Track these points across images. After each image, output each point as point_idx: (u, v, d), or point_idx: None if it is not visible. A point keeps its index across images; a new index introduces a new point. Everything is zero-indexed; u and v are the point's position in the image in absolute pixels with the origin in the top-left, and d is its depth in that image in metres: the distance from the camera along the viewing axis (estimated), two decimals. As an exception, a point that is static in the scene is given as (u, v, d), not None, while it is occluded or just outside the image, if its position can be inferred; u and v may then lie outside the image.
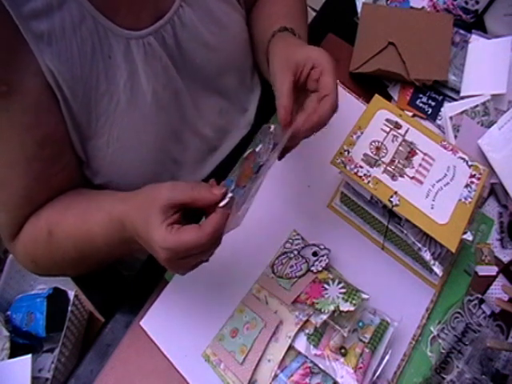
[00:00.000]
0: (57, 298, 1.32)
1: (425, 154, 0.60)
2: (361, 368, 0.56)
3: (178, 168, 0.67)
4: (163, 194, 0.46)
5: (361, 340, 0.57)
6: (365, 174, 0.58)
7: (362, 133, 0.61)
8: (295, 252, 0.64)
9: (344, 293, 0.58)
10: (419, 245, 0.58)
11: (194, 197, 0.46)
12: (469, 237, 0.55)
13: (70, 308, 1.29)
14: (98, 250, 0.55)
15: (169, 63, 0.59)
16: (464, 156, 0.60)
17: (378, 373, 0.57)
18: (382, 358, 0.57)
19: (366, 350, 0.56)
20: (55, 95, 0.52)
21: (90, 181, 0.62)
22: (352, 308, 0.56)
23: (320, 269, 0.61)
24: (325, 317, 0.56)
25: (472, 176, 0.58)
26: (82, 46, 0.51)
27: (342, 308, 0.56)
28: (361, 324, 0.58)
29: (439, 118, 0.75)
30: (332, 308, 0.56)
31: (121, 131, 0.57)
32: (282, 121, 0.53)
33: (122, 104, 0.56)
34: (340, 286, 0.59)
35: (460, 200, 0.57)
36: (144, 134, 0.60)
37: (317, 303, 0.57)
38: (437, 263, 0.58)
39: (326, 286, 0.59)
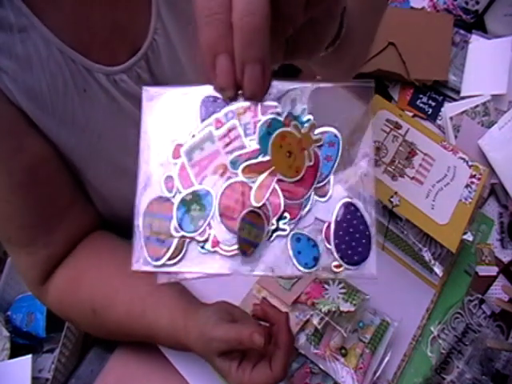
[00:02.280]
0: (57, 299, 1.31)
1: (425, 155, 0.60)
2: (361, 368, 0.55)
3: None
4: (214, 347, 0.48)
5: (361, 340, 0.57)
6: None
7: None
8: (295, 252, 0.64)
9: (344, 293, 0.58)
10: (419, 245, 0.58)
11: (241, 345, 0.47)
12: (469, 237, 0.55)
13: (70, 308, 1.29)
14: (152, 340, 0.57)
15: None
16: (464, 156, 0.60)
17: (378, 373, 0.57)
18: (382, 359, 0.57)
19: (367, 351, 0.56)
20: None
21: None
22: (352, 308, 0.56)
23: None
24: (325, 317, 0.56)
25: (472, 176, 0.58)
26: (52, 83, 0.48)
27: (342, 308, 0.56)
28: (361, 324, 0.58)
29: (439, 118, 0.75)
30: (332, 308, 0.56)
31: (108, 161, 0.56)
32: None
33: (105, 134, 0.54)
34: (340, 286, 0.58)
35: (460, 200, 0.57)
36: (133, 156, 0.58)
37: (317, 303, 0.57)
38: (437, 263, 0.58)
39: (326, 286, 0.59)
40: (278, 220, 0.28)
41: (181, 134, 0.28)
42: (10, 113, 0.48)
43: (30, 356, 1.11)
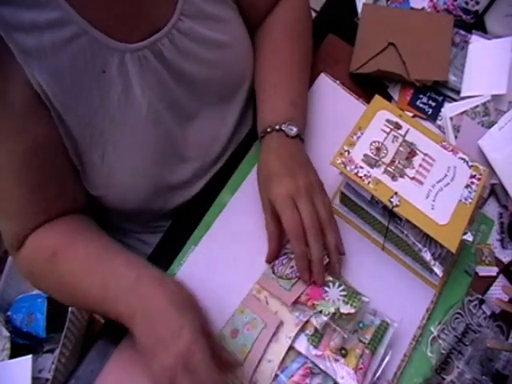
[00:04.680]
0: (57, 299, 1.31)
1: (425, 155, 0.60)
2: (361, 369, 0.55)
3: (175, 178, 0.67)
4: (192, 317, 0.50)
5: (361, 341, 0.57)
6: (365, 175, 0.58)
7: (362, 133, 0.61)
8: (295, 252, 0.64)
9: (345, 295, 0.58)
10: (419, 245, 0.58)
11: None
12: (469, 237, 0.55)
13: (70, 308, 1.29)
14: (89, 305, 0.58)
15: (166, 76, 0.58)
16: (464, 156, 0.60)
17: (378, 374, 0.57)
18: (382, 359, 0.57)
19: (366, 351, 0.56)
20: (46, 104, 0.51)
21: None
22: (352, 310, 0.56)
23: (320, 269, 0.62)
24: (325, 318, 0.57)
25: (472, 176, 0.58)
26: (73, 62, 0.50)
27: (342, 310, 0.56)
28: (361, 325, 0.58)
29: (439, 118, 0.75)
30: (332, 310, 0.56)
31: (116, 146, 0.57)
32: (268, 258, 0.64)
33: (117, 119, 0.56)
34: (340, 288, 0.58)
35: (460, 200, 0.57)
36: (140, 148, 0.59)
37: (317, 305, 0.57)
38: (437, 264, 0.58)
39: (326, 288, 0.59)
40: None
41: None
42: (25, 94, 0.49)
43: (30, 356, 1.11)
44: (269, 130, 0.64)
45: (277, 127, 0.64)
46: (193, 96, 0.64)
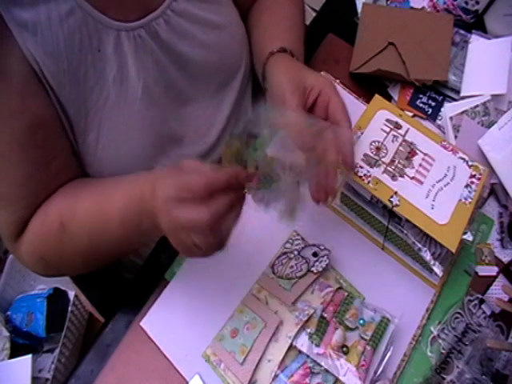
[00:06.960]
0: (57, 299, 1.32)
1: (425, 154, 0.60)
2: (363, 366, 0.55)
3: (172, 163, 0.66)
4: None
5: (362, 338, 0.57)
6: (365, 174, 0.58)
7: (362, 133, 0.61)
8: (295, 252, 0.64)
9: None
10: (419, 245, 0.58)
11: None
12: (469, 237, 0.55)
13: (70, 308, 1.29)
14: (112, 236, 0.53)
15: (162, 57, 0.59)
16: (464, 156, 0.60)
17: (380, 370, 0.57)
18: (384, 355, 0.57)
19: (368, 348, 0.56)
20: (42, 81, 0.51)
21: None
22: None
23: (320, 269, 0.61)
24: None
25: (472, 176, 0.58)
26: (69, 39, 0.50)
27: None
28: (362, 322, 0.58)
29: (439, 118, 0.75)
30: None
31: (110, 127, 0.57)
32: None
33: (112, 99, 0.56)
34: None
35: (460, 200, 0.57)
36: (135, 129, 0.59)
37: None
38: (437, 263, 0.58)
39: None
40: None
41: None
42: (23, 71, 0.49)
43: (29, 356, 1.11)
44: (275, 50, 0.63)
45: (286, 49, 0.64)
46: (189, 80, 0.64)
